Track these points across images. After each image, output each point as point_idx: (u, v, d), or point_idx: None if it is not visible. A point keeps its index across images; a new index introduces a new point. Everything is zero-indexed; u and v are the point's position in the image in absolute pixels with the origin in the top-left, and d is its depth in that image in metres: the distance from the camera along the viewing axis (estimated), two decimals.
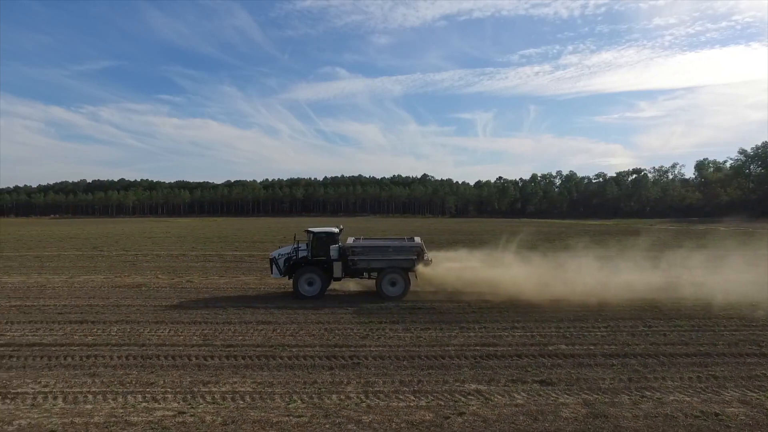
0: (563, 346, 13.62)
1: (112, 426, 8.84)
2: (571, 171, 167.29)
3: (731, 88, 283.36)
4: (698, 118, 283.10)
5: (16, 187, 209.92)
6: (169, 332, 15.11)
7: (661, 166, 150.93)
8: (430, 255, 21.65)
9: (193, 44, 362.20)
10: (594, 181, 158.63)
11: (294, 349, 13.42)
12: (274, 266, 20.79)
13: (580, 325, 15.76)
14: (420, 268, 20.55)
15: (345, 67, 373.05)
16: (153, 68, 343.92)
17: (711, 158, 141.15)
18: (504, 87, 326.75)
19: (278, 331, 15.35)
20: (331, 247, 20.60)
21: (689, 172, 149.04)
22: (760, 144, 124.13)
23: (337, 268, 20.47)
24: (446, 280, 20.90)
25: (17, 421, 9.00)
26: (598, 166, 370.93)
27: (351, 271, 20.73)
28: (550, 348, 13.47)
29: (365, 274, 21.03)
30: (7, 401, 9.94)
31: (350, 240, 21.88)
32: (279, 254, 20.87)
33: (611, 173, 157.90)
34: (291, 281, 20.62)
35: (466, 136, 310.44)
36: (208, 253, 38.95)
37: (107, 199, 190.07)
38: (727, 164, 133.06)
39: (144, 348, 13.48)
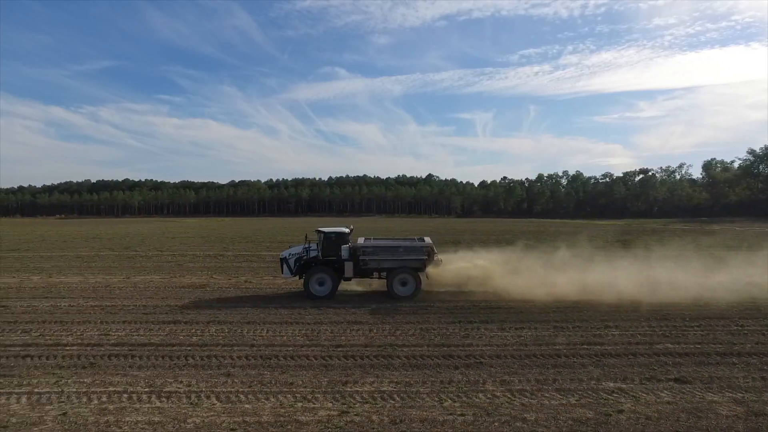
0: (669, 345, 13.76)
1: (286, 425, 8.93)
2: (577, 171, 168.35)
3: (731, 88, 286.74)
4: (698, 118, 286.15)
5: (20, 187, 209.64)
6: (268, 332, 15.19)
7: (668, 166, 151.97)
8: (441, 256, 21.69)
9: (193, 44, 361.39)
10: (601, 181, 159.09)
11: (405, 349, 13.51)
12: (284, 266, 20.77)
13: (671, 324, 15.91)
14: (431, 267, 20.60)
15: (345, 67, 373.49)
16: (153, 68, 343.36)
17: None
18: (504, 87, 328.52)
19: (375, 331, 15.43)
20: (342, 247, 20.61)
21: (695, 172, 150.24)
22: None
23: (348, 268, 20.42)
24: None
25: (191, 420, 9.09)
26: (597, 166, 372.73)
27: (361, 271, 20.69)
28: (658, 347, 13.61)
29: (375, 274, 21.02)
30: (163, 399, 10.03)
31: (360, 240, 21.86)
32: (290, 254, 20.85)
33: (617, 173, 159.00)
34: (301, 281, 20.63)
35: (466, 136, 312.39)
36: (244, 254, 39.06)
37: (113, 199, 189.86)
38: (735, 164, 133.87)
39: (256, 348, 13.55)
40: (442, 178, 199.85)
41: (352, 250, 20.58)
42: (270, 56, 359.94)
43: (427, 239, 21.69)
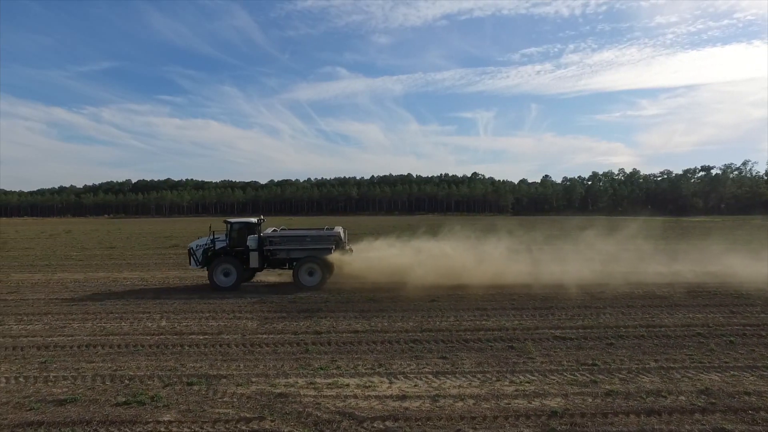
0: None
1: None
2: (634, 169, 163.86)
3: (733, 86, 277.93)
4: (700, 116, 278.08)
5: (62, 187, 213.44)
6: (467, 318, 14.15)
7: (731, 164, 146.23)
8: (351, 245, 21.11)
9: (194, 45, 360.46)
10: (665, 177, 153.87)
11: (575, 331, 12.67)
12: (191, 257, 19.97)
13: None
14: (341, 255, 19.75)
15: (346, 66, 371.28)
16: (153, 69, 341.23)
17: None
18: (505, 86, 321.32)
19: (526, 317, 14.27)
20: (249, 237, 19.78)
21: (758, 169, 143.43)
22: None
23: (254, 259, 19.62)
24: None
25: None
26: (599, 164, 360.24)
27: (270, 262, 20.10)
28: None
29: (287, 265, 20.16)
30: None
31: (268, 230, 20.84)
32: (197, 245, 20.07)
33: (678, 170, 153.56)
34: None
35: (468, 136, 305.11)
36: None
37: (161, 199, 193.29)
38: None
39: (491, 332, 12.81)
40: (488, 176, 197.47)
41: (259, 240, 19.80)
42: (271, 56, 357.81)
43: (338, 228, 20.78)
